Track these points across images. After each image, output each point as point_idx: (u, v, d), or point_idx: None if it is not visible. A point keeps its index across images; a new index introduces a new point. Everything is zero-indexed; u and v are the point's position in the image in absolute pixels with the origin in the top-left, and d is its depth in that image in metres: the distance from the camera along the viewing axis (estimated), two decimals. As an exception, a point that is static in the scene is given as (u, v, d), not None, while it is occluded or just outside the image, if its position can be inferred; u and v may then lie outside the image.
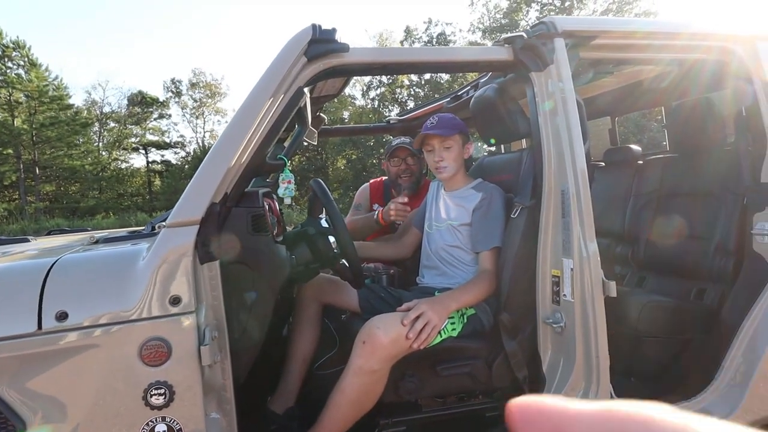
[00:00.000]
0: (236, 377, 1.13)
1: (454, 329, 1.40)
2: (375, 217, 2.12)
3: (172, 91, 28.66)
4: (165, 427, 0.99)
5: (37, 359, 0.95)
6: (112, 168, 26.16)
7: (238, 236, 1.13)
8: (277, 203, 1.43)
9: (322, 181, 1.47)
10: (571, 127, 1.32)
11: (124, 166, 27.40)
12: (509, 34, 1.41)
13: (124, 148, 27.21)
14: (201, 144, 28.03)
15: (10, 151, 21.62)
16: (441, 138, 1.60)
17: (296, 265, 1.30)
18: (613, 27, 1.45)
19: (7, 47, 21.15)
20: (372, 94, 25.76)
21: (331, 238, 1.41)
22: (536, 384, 1.37)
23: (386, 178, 2.47)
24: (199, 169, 1.08)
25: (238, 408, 1.13)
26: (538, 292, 1.37)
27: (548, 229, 1.35)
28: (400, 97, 25.83)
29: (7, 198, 23.07)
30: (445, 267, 1.64)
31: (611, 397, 1.30)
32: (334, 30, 1.20)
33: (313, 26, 1.18)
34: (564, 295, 1.30)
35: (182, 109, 28.99)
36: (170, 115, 29.21)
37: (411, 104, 24.97)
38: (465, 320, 1.44)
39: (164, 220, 1.42)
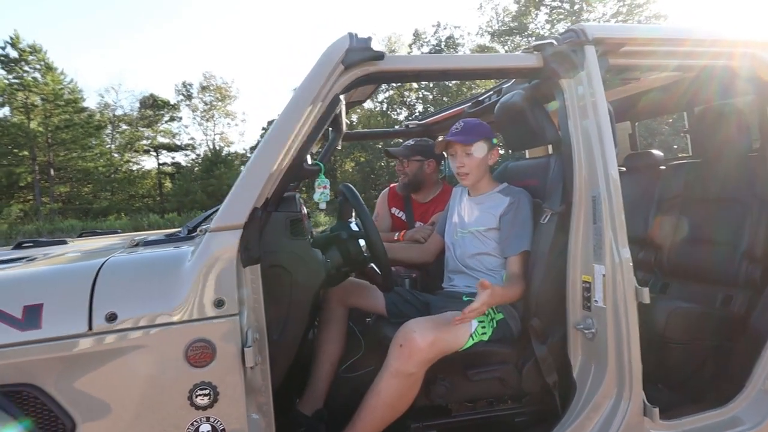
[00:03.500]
0: (274, 379, 1.15)
1: (484, 333, 1.41)
2: (396, 237, 2.23)
3: (183, 94, 29.03)
4: (209, 427, 1.01)
5: (87, 359, 0.98)
6: (123, 170, 26.51)
7: (278, 240, 1.16)
8: (317, 201, 1.45)
9: (351, 186, 1.50)
10: (603, 132, 1.32)
11: (135, 168, 27.78)
12: (538, 42, 1.42)
13: (135, 150, 27.56)
14: (212, 146, 28.32)
15: (26, 153, 22.02)
16: (463, 145, 1.62)
17: (329, 269, 1.32)
18: (641, 34, 1.46)
19: (24, 51, 21.56)
20: (380, 97, 25.84)
21: (361, 241, 1.43)
22: (567, 390, 1.37)
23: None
24: (241, 174, 1.11)
25: (275, 409, 1.15)
26: (568, 297, 1.37)
27: (579, 234, 1.36)
28: (409, 100, 25.88)
29: (23, 199, 23.47)
30: (471, 272, 1.65)
31: (644, 405, 1.30)
32: (369, 38, 1.22)
33: (350, 35, 1.20)
34: (595, 300, 1.30)
35: (193, 111, 29.34)
36: (181, 118, 29.57)
37: (420, 108, 25.01)
38: (495, 325, 1.45)
39: (199, 224, 1.46)
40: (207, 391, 1.01)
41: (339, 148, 1.80)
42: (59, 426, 0.97)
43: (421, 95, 25.09)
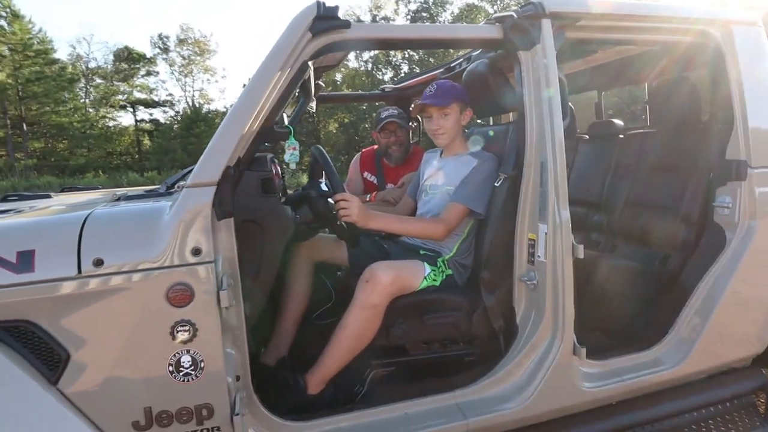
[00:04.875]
0: (248, 320, 1.29)
1: (434, 280, 1.59)
2: (367, 198, 2.33)
3: (160, 47, 27.85)
4: (189, 358, 1.15)
5: (77, 299, 1.10)
6: (100, 126, 25.71)
7: (249, 196, 1.26)
8: (279, 167, 1.55)
9: (321, 148, 1.60)
10: (553, 104, 1.44)
11: (112, 124, 26.96)
12: (500, 14, 1.50)
13: (111, 106, 26.64)
14: (191, 103, 27.50)
15: (-4, 106, 21.14)
16: (439, 107, 1.71)
17: (299, 225, 1.44)
18: (597, 9, 1.54)
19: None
20: (365, 56, 25.23)
21: (330, 201, 1.55)
22: (510, 333, 1.56)
23: (377, 147, 2.59)
24: (215, 135, 1.20)
25: (249, 348, 1.30)
26: (516, 253, 1.53)
27: (527, 197, 1.50)
28: (395, 60, 25.30)
29: (-2, 154, 22.72)
30: None
31: (574, 346, 1.49)
32: (336, 7, 1.29)
33: (318, 3, 1.27)
34: (538, 256, 1.46)
35: (170, 66, 28.25)
36: (158, 73, 28.49)
37: (405, 68, 24.53)
38: (443, 277, 1.62)
39: (177, 181, 1.55)
40: (187, 328, 1.14)
41: (312, 111, 1.87)
42: (55, 355, 1.10)
43: (407, 55, 24.54)
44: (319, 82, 2.16)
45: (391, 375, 1.58)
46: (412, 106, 2.73)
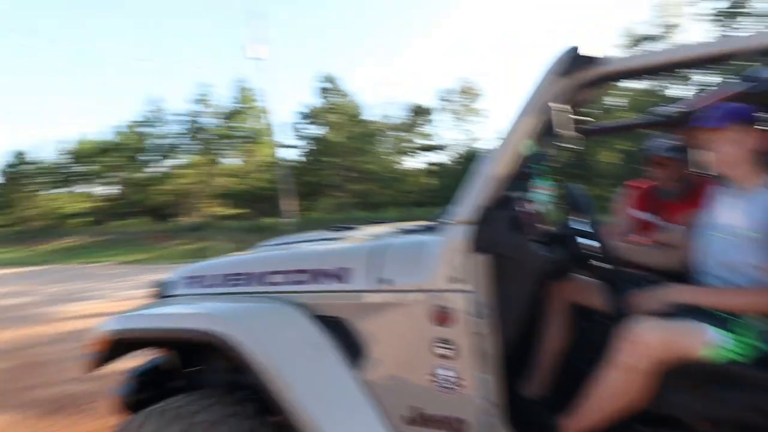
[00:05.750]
0: (500, 349, 1.39)
1: (741, 354, 1.27)
2: (639, 239, 2.08)
3: (442, 99, 32.05)
4: (447, 374, 1.34)
5: (371, 307, 1.46)
6: (397, 170, 31.43)
7: (502, 233, 1.38)
8: (536, 205, 1.61)
9: (580, 186, 1.57)
10: None
11: (404, 167, 32.48)
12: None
13: (404, 153, 32.21)
14: (465, 145, 30.37)
15: (333, 159, 29.05)
16: (714, 130, 1.43)
17: (553, 263, 1.45)
18: None
19: (331, 80, 28.51)
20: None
21: (590, 241, 1.49)
22: None
23: (650, 180, 2.27)
24: (472, 177, 1.39)
25: (504, 376, 1.39)
26: None
27: None
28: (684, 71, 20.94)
29: (330, 195, 30.97)
30: (722, 283, 1.46)
31: None
32: (591, 49, 1.30)
33: (572, 47, 1.31)
34: None
35: (449, 114, 32.03)
36: (439, 121, 32.78)
37: (697, 77, 19.91)
38: (753, 351, 1.28)
39: (445, 218, 1.83)
40: (446, 346, 1.34)
41: (579, 148, 1.84)
42: (354, 342, 1.47)
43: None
44: (582, 118, 2.11)
45: None
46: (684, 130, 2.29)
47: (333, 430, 1.37)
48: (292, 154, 30.39)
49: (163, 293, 1.98)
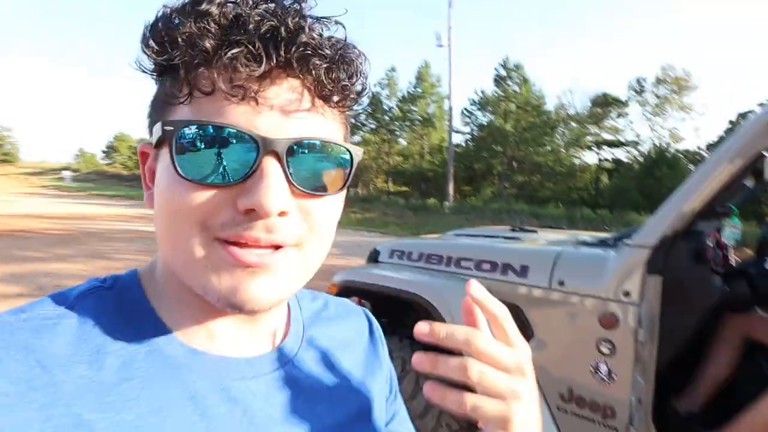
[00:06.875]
0: (658, 362, 1.58)
1: None
2: None
3: (636, 90, 28.22)
4: (606, 368, 1.61)
5: (544, 301, 1.79)
6: (567, 164, 29.20)
7: (680, 262, 1.55)
8: (725, 241, 1.68)
9: None
10: None
11: (577, 162, 29.93)
12: None
13: (580, 146, 29.64)
14: (657, 143, 26.37)
15: (500, 148, 28.54)
16: None
17: (730, 296, 1.55)
18: None
19: (510, 69, 27.58)
20: None
21: None
22: None
23: None
24: (660, 207, 1.58)
25: (658, 386, 1.59)
26: None
27: None
28: None
29: (493, 183, 30.60)
30: None
31: None
32: None
33: None
34: None
35: (642, 107, 28.06)
36: (628, 114, 29.01)
37: None
38: None
39: (623, 237, 2.01)
40: (609, 346, 1.60)
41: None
42: (525, 326, 1.82)
43: None
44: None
45: None
46: None
47: None
48: (460, 140, 30.88)
49: (374, 258, 2.61)
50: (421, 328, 0.40)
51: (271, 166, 0.38)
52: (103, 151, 69.60)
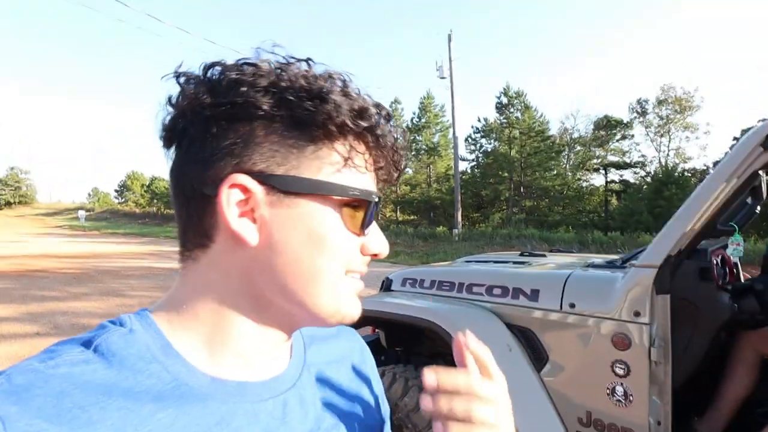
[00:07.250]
0: (674, 382, 1.59)
1: None
2: None
3: (637, 112, 28.53)
4: (622, 390, 1.61)
5: (557, 324, 1.81)
6: (574, 187, 29.21)
7: (687, 280, 1.58)
8: (730, 258, 1.71)
9: None
10: None
11: (584, 185, 29.91)
12: None
13: (586, 169, 29.73)
14: (664, 163, 26.34)
15: (506, 174, 28.69)
16: None
17: (739, 313, 1.56)
18: None
19: (512, 96, 28.07)
20: None
21: None
22: None
23: None
24: (663, 229, 1.62)
25: (673, 406, 1.59)
26: None
27: None
28: None
29: (501, 209, 30.60)
30: None
31: None
32: None
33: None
34: None
35: (646, 128, 28.25)
36: (633, 135, 29.16)
37: None
38: None
39: (630, 258, 2.04)
40: (623, 367, 1.61)
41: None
42: (539, 350, 1.84)
43: None
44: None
45: None
46: None
47: (516, 416, 1.76)
48: (467, 167, 31.13)
49: (387, 287, 2.66)
50: (429, 381, 0.48)
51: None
52: (116, 190, 71.23)
